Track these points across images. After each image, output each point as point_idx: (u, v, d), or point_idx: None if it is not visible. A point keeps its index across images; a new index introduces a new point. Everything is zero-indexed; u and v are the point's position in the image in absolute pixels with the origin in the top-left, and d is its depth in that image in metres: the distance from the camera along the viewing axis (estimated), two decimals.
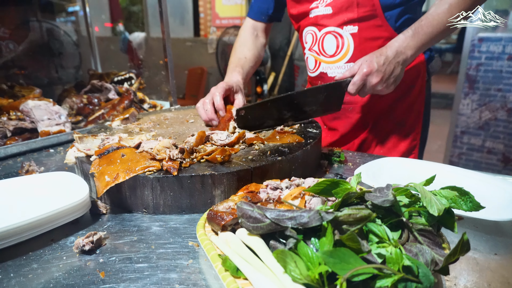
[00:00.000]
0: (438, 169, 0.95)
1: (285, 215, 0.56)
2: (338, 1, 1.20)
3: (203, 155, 0.85)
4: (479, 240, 0.69)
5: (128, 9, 9.98)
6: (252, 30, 1.50)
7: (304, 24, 1.33)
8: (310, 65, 1.38)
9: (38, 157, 1.24)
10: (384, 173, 0.94)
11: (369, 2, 1.16)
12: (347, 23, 1.21)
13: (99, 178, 0.81)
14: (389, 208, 0.59)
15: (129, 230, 0.75)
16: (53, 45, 2.68)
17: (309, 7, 1.28)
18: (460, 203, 0.60)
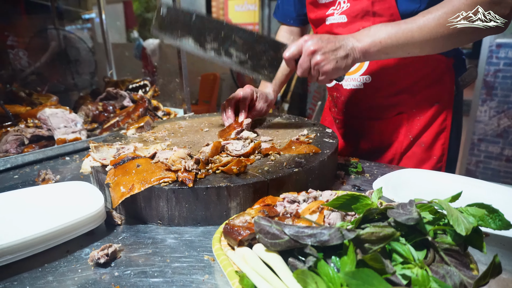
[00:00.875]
0: (461, 182, 0.92)
1: (305, 232, 0.54)
2: (353, 10, 1.14)
3: (218, 166, 0.84)
4: (507, 259, 0.65)
5: (143, 15, 10.15)
6: (288, 35, 1.47)
7: (321, 32, 1.28)
8: None
9: (54, 164, 1.25)
10: (404, 186, 0.91)
11: (387, 11, 1.09)
12: None
13: (115, 188, 0.81)
14: (413, 226, 0.56)
15: (144, 242, 0.75)
16: (70, 52, 2.74)
17: (326, 13, 1.23)
18: (488, 221, 0.57)
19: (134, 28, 9.38)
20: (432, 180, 0.95)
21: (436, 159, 1.22)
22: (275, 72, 1.07)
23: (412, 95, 1.21)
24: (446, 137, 1.22)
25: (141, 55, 6.03)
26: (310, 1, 1.27)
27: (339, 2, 1.18)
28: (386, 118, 1.26)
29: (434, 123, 1.21)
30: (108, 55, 2.26)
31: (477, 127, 3.89)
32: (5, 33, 2.40)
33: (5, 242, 0.64)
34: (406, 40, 0.96)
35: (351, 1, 1.15)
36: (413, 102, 1.21)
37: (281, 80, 1.39)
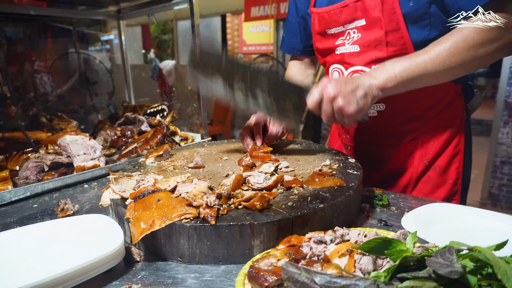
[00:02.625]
0: (494, 219, 0.86)
1: (337, 283, 0.51)
2: (366, 40, 1.14)
3: (241, 201, 0.82)
4: None
5: (159, 37, 10.44)
6: (298, 64, 1.51)
7: (330, 61, 1.29)
8: None
9: (73, 193, 1.24)
10: (434, 223, 0.87)
11: (400, 41, 1.09)
12: (375, 62, 1.15)
13: (135, 224, 0.79)
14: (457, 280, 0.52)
15: (164, 282, 0.72)
16: (89, 74, 2.80)
17: (335, 43, 1.24)
18: None
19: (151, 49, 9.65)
20: (463, 216, 0.90)
21: (451, 183, 1.23)
22: (301, 115, 1.09)
23: (425, 121, 1.22)
24: (460, 161, 1.22)
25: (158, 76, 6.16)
26: (317, 32, 1.28)
27: (348, 32, 1.19)
28: (400, 144, 1.26)
29: (448, 147, 1.22)
30: (127, 78, 2.30)
31: (499, 149, 3.78)
32: (33, 58, 2.48)
33: (21, 284, 0.62)
34: (420, 72, 0.98)
35: (362, 32, 1.15)
36: (426, 128, 1.22)
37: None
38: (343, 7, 1.15)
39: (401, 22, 1.07)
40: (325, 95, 0.98)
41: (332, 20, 1.20)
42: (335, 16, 1.19)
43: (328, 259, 0.64)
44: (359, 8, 1.12)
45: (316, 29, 1.29)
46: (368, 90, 0.97)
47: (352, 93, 0.96)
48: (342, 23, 1.19)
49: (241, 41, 7.79)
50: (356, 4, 1.12)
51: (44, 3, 1.90)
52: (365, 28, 1.14)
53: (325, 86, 0.98)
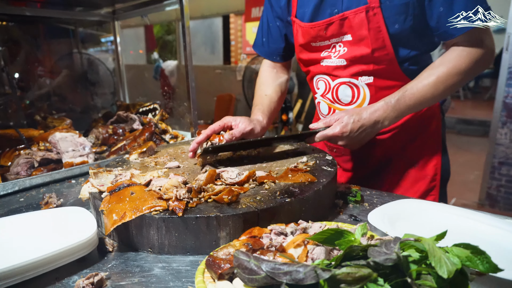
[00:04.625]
0: (463, 216, 0.88)
1: (281, 269, 0.53)
2: (353, 55, 1.17)
3: (210, 195, 0.85)
4: None
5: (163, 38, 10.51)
6: (270, 69, 1.48)
7: (315, 71, 1.31)
8: (323, 110, 1.36)
9: (60, 188, 1.28)
10: (401, 218, 0.89)
11: (386, 57, 1.14)
12: (361, 74, 1.19)
13: (108, 216, 0.82)
14: (396, 265, 0.55)
15: (132, 271, 0.75)
16: (90, 74, 2.86)
17: (320, 55, 1.26)
18: (476, 263, 0.55)
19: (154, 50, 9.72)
20: (432, 212, 0.92)
21: (429, 179, 1.28)
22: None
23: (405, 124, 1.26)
24: (438, 158, 1.28)
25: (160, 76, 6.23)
26: (301, 44, 1.29)
27: (334, 45, 1.21)
28: (380, 142, 1.30)
29: (426, 145, 1.29)
30: (122, 78, 2.34)
31: (498, 150, 3.76)
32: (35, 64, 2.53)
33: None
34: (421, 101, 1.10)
35: (349, 46, 1.17)
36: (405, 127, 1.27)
37: (271, 107, 1.36)
38: (329, 24, 1.17)
39: (386, 41, 1.11)
40: (334, 141, 1.11)
41: (317, 35, 1.22)
42: (321, 32, 1.20)
43: (283, 249, 0.67)
44: (345, 25, 1.14)
45: (299, 41, 1.29)
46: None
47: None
48: (328, 38, 1.20)
49: (244, 42, 7.83)
50: (342, 21, 1.14)
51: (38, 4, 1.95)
52: (352, 43, 1.17)
53: (336, 135, 1.08)
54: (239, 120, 1.18)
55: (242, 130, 1.16)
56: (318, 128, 1.11)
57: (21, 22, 2.25)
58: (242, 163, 1.14)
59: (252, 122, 1.21)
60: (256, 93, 1.43)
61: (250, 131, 1.18)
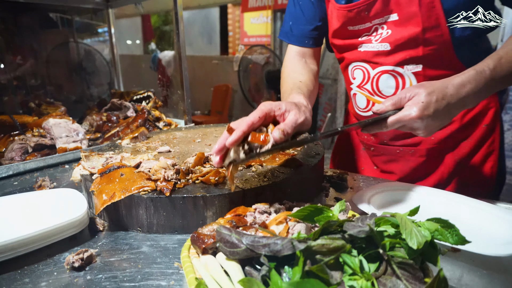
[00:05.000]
0: (440, 197, 0.91)
1: (260, 242, 0.56)
2: (399, 37, 1.00)
3: (198, 176, 0.87)
4: (474, 275, 0.65)
5: (161, 28, 10.43)
6: (299, 57, 1.25)
7: (351, 58, 1.14)
8: (360, 103, 1.19)
9: (54, 172, 1.30)
10: (382, 200, 0.91)
11: (439, 39, 0.97)
12: (408, 62, 1.03)
13: (98, 196, 0.84)
14: (370, 239, 0.57)
15: (121, 248, 0.77)
16: (86, 64, 2.86)
17: (359, 40, 1.09)
18: (446, 236, 0.58)
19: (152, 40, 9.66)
20: (415, 195, 0.94)
21: (486, 182, 1.14)
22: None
23: (460, 119, 1.12)
24: (495, 160, 1.14)
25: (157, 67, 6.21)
26: (335, 28, 1.12)
27: (376, 28, 1.05)
28: (432, 143, 1.16)
29: (483, 145, 1.14)
30: (116, 67, 2.35)
31: None
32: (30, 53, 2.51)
33: None
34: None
35: (394, 28, 1.02)
36: (459, 125, 1.13)
37: (309, 95, 1.06)
38: (372, 3, 1.00)
39: (441, 18, 0.95)
40: (410, 126, 0.83)
41: (356, 17, 1.05)
42: (362, 13, 1.03)
43: (266, 226, 0.69)
44: (391, 1, 0.99)
45: (334, 26, 1.13)
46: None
47: (440, 126, 0.85)
48: (369, 19, 1.04)
49: (242, 33, 7.79)
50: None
51: None
52: (398, 24, 1.01)
53: (415, 118, 0.80)
54: (285, 107, 0.81)
55: (293, 123, 0.78)
56: (385, 111, 0.83)
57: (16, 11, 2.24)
58: None
59: (301, 109, 0.84)
60: (287, 81, 1.14)
61: (303, 122, 0.81)
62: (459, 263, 0.68)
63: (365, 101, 1.16)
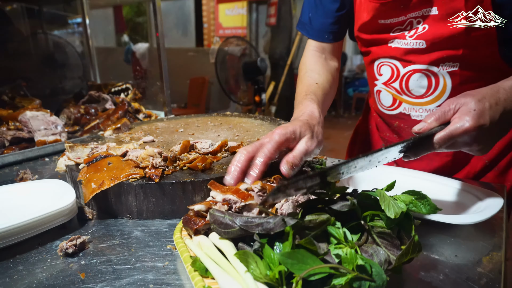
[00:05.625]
0: (418, 178, 0.98)
1: (253, 222, 0.60)
2: (437, 35, 0.92)
3: (185, 163, 0.89)
4: (443, 243, 0.71)
5: (133, 20, 10.16)
6: (318, 53, 1.17)
7: (379, 53, 1.06)
8: (385, 102, 1.12)
9: (34, 165, 1.29)
10: (363, 181, 0.97)
11: (484, 38, 0.88)
12: (445, 60, 0.95)
13: (86, 185, 0.85)
14: (352, 212, 0.62)
15: (112, 235, 0.79)
16: (58, 56, 2.77)
17: (390, 34, 1.01)
18: (420, 207, 0.64)
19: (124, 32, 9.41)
20: (392, 175, 1.00)
21: (510, 184, 1.07)
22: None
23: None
24: None
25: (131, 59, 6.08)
26: (364, 21, 1.04)
27: (410, 22, 0.97)
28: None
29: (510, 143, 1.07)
30: (92, 59, 2.30)
31: None
32: None
33: None
34: None
35: (432, 23, 0.93)
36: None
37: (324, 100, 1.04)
38: None
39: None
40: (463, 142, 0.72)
41: (390, 10, 0.97)
42: (396, 6, 0.95)
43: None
44: None
45: (363, 18, 1.04)
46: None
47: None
48: (405, 12, 0.96)
49: (217, 24, 7.74)
50: None
51: None
52: (437, 19, 0.92)
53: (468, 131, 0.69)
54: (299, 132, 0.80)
55: (303, 154, 0.79)
56: (429, 128, 0.72)
57: None
58: (215, 136, 1.19)
59: (313, 130, 0.84)
60: (303, 81, 1.10)
61: (313, 150, 0.82)
62: (430, 233, 0.75)
63: (391, 99, 1.10)
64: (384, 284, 0.52)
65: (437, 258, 0.67)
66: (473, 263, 0.65)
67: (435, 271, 0.63)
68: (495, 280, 0.60)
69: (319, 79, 1.08)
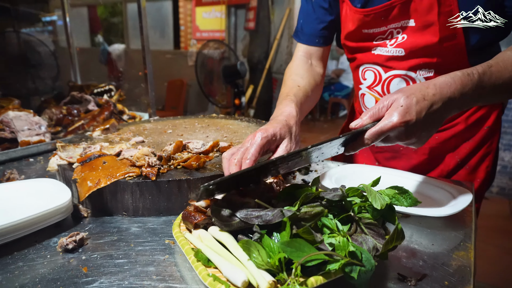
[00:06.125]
0: (398, 176, 1.05)
1: (253, 214, 0.64)
2: (414, 44, 1.01)
3: (179, 162, 0.93)
4: (421, 234, 0.79)
5: (108, 20, 9.96)
6: (305, 59, 1.23)
7: (363, 59, 1.15)
8: (368, 104, 1.21)
9: (18, 166, 1.27)
10: (345, 178, 1.04)
11: (454, 48, 0.98)
12: (421, 67, 1.05)
13: (81, 183, 0.87)
14: (342, 206, 0.68)
15: (110, 231, 0.81)
16: (31, 55, 2.69)
17: (373, 42, 1.10)
18: (401, 200, 0.70)
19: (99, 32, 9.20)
20: (372, 173, 1.08)
21: (479, 182, 1.18)
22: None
23: (465, 120, 1.15)
24: (491, 160, 1.18)
25: (107, 60, 5.96)
26: (350, 30, 1.13)
27: (391, 31, 1.06)
28: (435, 142, 1.18)
29: (483, 146, 1.17)
30: (73, 59, 2.27)
31: None
32: None
33: None
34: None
35: (410, 34, 1.02)
36: (464, 126, 1.15)
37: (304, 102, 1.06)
38: (390, 9, 1.01)
39: (458, 28, 0.96)
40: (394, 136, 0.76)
41: (373, 21, 1.06)
42: (378, 18, 1.04)
43: None
44: (410, 8, 0.99)
45: (348, 28, 1.13)
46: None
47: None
48: (385, 24, 1.05)
49: (194, 27, 7.72)
50: (406, 4, 0.99)
51: None
52: (414, 30, 1.01)
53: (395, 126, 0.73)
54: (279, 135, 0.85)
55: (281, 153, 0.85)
56: (363, 125, 0.76)
57: None
58: (203, 137, 1.23)
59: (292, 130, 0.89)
60: (286, 83, 1.14)
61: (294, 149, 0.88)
62: (409, 226, 0.82)
63: (374, 101, 1.18)
64: (373, 269, 0.57)
65: (416, 247, 0.74)
66: (447, 251, 0.72)
67: (415, 258, 0.70)
68: (466, 265, 0.68)
69: (301, 82, 1.13)
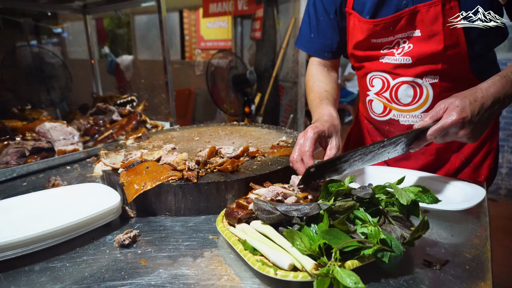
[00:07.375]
0: (416, 176, 1.13)
1: (292, 208, 0.73)
2: (420, 53, 1.09)
3: (215, 166, 1.01)
4: (441, 227, 0.87)
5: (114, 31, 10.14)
6: (321, 66, 1.35)
7: (371, 68, 1.22)
8: (376, 109, 1.28)
9: (57, 173, 1.36)
10: (370, 179, 1.12)
11: (457, 56, 1.06)
12: (427, 74, 1.12)
13: (128, 187, 0.96)
14: (370, 201, 0.76)
15: (157, 229, 0.90)
16: (45, 68, 2.78)
17: (381, 52, 1.17)
18: (424, 198, 0.78)
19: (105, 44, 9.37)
20: (390, 174, 1.16)
21: (482, 179, 1.26)
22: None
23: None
24: (493, 158, 1.25)
25: (115, 71, 6.10)
26: (358, 40, 1.20)
27: (398, 41, 1.13)
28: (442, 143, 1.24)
29: (485, 145, 1.24)
30: (94, 71, 2.38)
31: None
32: None
33: (45, 229, 0.78)
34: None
35: (416, 43, 1.10)
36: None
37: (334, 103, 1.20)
38: (398, 20, 1.08)
39: (461, 37, 1.04)
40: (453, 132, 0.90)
41: (381, 31, 1.13)
42: (387, 28, 1.11)
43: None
44: (416, 19, 1.07)
45: (357, 38, 1.20)
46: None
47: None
48: (393, 34, 1.12)
49: (198, 37, 7.86)
50: (413, 15, 1.06)
51: None
52: (420, 40, 1.09)
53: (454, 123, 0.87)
54: (327, 132, 1.01)
55: (338, 148, 1.02)
56: (425, 125, 0.90)
57: None
58: (230, 143, 1.31)
59: (337, 128, 1.05)
60: (313, 91, 1.25)
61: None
62: (429, 220, 0.88)
63: (382, 107, 1.25)
64: (402, 254, 0.66)
65: (437, 238, 0.82)
66: (466, 240, 0.80)
67: (437, 247, 0.78)
68: (484, 252, 0.76)
69: (326, 87, 1.25)
